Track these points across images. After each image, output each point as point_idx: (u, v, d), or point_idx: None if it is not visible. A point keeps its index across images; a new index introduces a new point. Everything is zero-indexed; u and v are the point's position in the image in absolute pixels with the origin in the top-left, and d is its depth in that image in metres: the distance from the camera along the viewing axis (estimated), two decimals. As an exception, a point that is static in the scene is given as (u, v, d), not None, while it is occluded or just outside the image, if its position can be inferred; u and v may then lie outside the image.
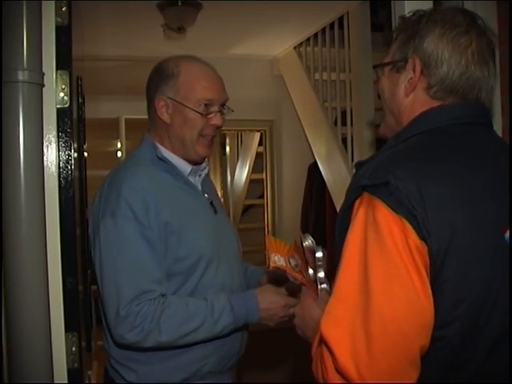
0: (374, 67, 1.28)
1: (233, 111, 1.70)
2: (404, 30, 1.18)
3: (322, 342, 0.99)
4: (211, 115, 1.62)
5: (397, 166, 1.01)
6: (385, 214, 0.96)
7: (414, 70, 1.14)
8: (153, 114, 1.66)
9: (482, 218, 1.01)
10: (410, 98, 1.16)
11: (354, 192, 1.05)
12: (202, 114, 1.60)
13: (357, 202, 1.04)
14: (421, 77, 1.14)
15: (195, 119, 1.61)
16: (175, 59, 1.65)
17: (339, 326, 0.97)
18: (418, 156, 1.05)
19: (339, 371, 0.95)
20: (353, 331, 0.95)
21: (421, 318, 0.94)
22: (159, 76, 1.64)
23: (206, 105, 1.61)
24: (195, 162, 1.68)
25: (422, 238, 0.95)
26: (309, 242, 1.33)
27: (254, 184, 6.42)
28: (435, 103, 1.14)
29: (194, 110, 1.59)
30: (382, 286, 0.94)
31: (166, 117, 1.62)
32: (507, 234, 1.02)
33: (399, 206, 0.96)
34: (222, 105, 1.67)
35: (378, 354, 0.92)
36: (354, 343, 0.94)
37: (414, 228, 0.95)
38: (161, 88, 1.62)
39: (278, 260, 1.36)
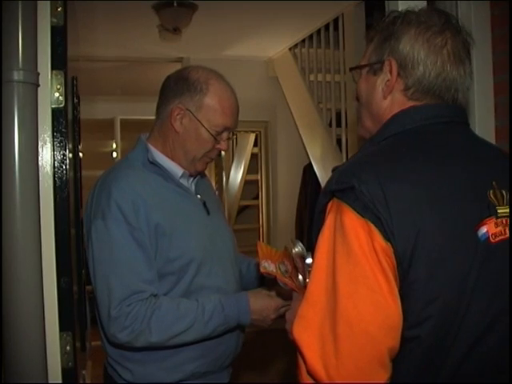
0: (351, 70, 1.27)
1: (236, 137, 1.71)
2: (379, 31, 1.17)
3: (295, 345, 1.00)
4: (221, 140, 1.64)
5: (362, 170, 1.01)
6: (351, 218, 0.97)
7: (390, 72, 1.13)
8: (164, 117, 1.64)
9: (451, 216, 1.00)
10: (388, 100, 1.15)
11: (325, 196, 1.06)
12: (214, 138, 1.62)
13: (328, 206, 1.05)
14: (398, 78, 1.12)
15: (207, 140, 1.62)
16: (206, 74, 1.63)
17: (309, 329, 0.98)
18: (385, 158, 1.05)
19: (310, 373, 0.96)
20: (322, 334, 0.96)
21: (387, 319, 0.94)
22: (185, 85, 1.61)
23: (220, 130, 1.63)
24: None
25: (388, 239, 0.95)
26: (299, 248, 1.33)
27: (249, 185, 6.44)
28: (412, 104, 1.13)
29: (208, 132, 1.60)
30: (348, 289, 0.95)
31: (178, 126, 1.61)
32: (480, 232, 1.02)
33: (365, 210, 0.96)
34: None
35: (345, 355, 0.93)
36: (323, 346, 0.95)
37: (380, 230, 0.95)
38: (183, 97, 1.60)
39: (268, 266, 1.37)
